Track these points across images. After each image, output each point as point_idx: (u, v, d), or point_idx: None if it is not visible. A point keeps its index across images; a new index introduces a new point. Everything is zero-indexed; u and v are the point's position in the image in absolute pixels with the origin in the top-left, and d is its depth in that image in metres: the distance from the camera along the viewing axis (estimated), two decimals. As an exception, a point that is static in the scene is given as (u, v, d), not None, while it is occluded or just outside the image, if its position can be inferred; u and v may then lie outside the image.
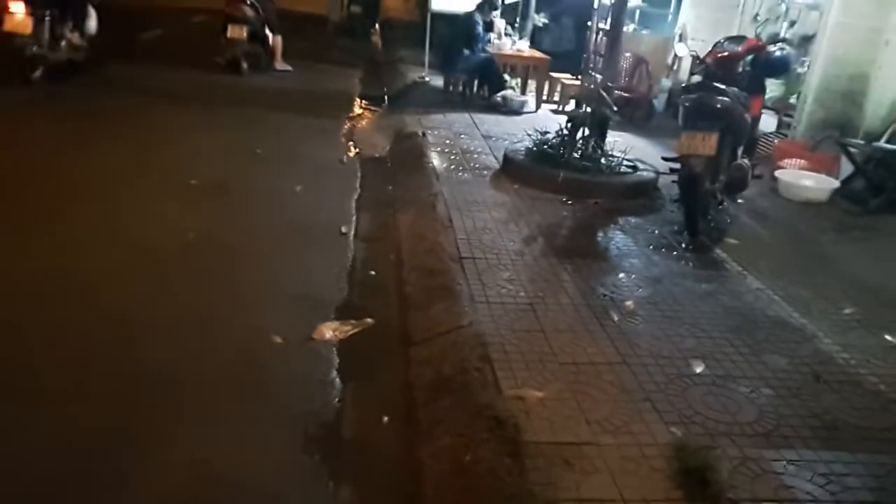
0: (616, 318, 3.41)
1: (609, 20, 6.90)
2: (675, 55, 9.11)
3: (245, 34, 9.00)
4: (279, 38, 9.85)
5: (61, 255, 3.80)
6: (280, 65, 9.89)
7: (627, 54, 8.46)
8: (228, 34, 9.00)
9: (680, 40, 8.41)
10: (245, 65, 9.23)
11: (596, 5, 9.28)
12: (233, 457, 2.48)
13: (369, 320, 3.48)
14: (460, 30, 8.70)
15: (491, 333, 3.15)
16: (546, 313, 3.39)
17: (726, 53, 5.27)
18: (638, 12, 10.35)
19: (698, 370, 3.02)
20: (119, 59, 9.05)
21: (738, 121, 4.71)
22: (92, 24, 8.12)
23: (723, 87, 4.65)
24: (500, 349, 3.02)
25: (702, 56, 5.54)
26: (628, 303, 3.59)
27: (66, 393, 2.71)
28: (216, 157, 5.80)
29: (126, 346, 3.04)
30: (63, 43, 7.62)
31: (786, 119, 7.39)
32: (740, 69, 5.29)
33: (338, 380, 2.97)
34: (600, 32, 9.07)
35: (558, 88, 8.88)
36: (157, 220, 4.40)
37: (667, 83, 9.30)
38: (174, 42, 11.80)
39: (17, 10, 6.74)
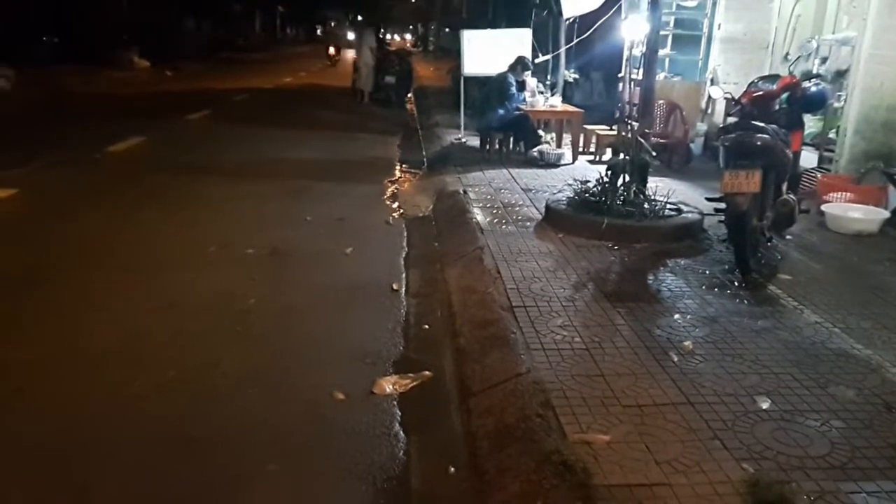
0: (676, 359, 3.39)
1: (641, 69, 7.06)
2: (709, 99, 9.18)
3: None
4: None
5: (124, 327, 3.95)
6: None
7: (661, 101, 8.56)
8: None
9: (712, 84, 8.52)
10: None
11: (626, 56, 9.45)
12: (306, 512, 2.52)
13: (427, 373, 3.52)
14: (494, 90, 8.93)
15: (550, 380, 3.16)
16: (604, 357, 3.40)
17: (761, 92, 5.33)
18: (668, 60, 10.51)
19: (764, 406, 2.97)
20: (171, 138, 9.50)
21: (780, 157, 4.72)
22: None
23: (761, 124, 4.69)
24: (561, 395, 3.03)
25: (736, 97, 5.61)
26: (687, 343, 3.57)
27: (136, 463, 2.79)
28: (268, 226, 6.01)
29: (192, 413, 3.13)
30: None
31: (826, 154, 7.35)
32: (777, 107, 5.34)
33: (401, 432, 3.01)
34: (632, 82, 9.22)
35: (593, 140, 9.00)
36: (217, 289, 4.56)
37: (702, 127, 9.34)
38: (222, 121, 12.36)
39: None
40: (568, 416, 2.87)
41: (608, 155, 8.01)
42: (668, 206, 5.70)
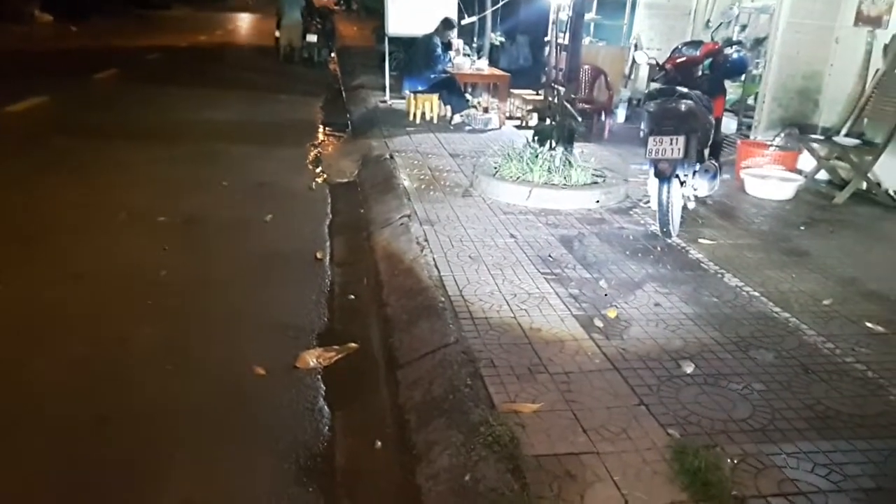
0: (601, 326, 3.39)
1: (567, 34, 7.01)
2: (633, 64, 9.27)
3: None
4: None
5: (25, 302, 3.67)
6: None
7: (586, 66, 8.57)
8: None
9: (636, 49, 8.57)
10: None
11: (552, 20, 9.39)
12: (225, 496, 2.39)
13: (353, 345, 3.41)
14: (419, 52, 8.73)
15: (478, 349, 3.11)
16: (531, 325, 3.36)
17: (685, 58, 5.35)
18: (593, 25, 10.54)
19: (689, 370, 3.00)
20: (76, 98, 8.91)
21: (703, 122, 4.77)
22: None
23: (685, 90, 4.71)
24: (490, 364, 2.98)
25: (661, 63, 5.63)
26: (611, 309, 3.58)
27: (43, 446, 2.59)
28: (182, 192, 5.70)
29: (102, 389, 2.94)
30: None
31: (745, 120, 7.54)
32: (700, 73, 5.37)
33: (326, 408, 2.90)
34: (558, 47, 9.18)
35: (520, 105, 8.96)
36: (127, 260, 4.29)
37: (626, 93, 9.44)
38: (132, 80, 11.69)
39: None
40: (496, 385, 2.82)
41: (535, 120, 7.99)
42: (593, 172, 5.71)
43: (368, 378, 3.17)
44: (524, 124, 8.53)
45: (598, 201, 5.37)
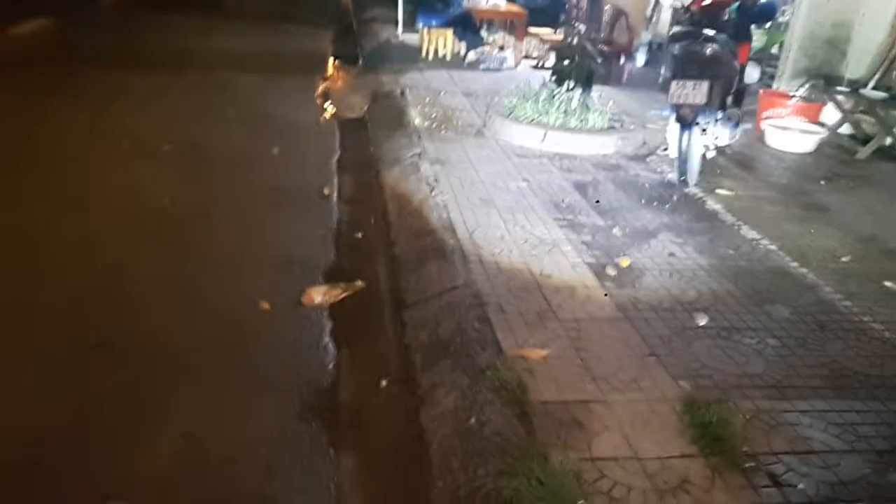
0: (613, 274, 3.31)
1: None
2: (655, 6, 8.94)
3: None
4: None
5: (26, 229, 3.60)
6: None
7: (606, 6, 8.26)
8: None
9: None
10: None
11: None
12: (226, 430, 2.36)
13: (360, 283, 3.35)
14: (435, -16, 8.42)
15: (487, 293, 3.04)
16: (542, 270, 3.28)
17: (712, 1, 5.12)
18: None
19: (702, 323, 2.93)
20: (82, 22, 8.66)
21: (728, 68, 4.59)
22: None
23: (711, 33, 4.52)
24: (498, 308, 2.91)
25: (686, 4, 5.39)
26: (624, 257, 3.49)
27: (45, 371, 2.55)
28: (187, 121, 5.57)
29: (104, 317, 2.89)
30: None
31: (768, 69, 7.29)
32: (726, 17, 5.15)
33: (331, 345, 2.85)
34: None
35: (536, 44, 8.67)
36: (130, 188, 4.20)
37: (646, 36, 9.13)
38: (138, 6, 11.37)
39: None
40: (504, 330, 2.76)
41: (552, 60, 7.75)
42: (611, 116, 5.54)
43: (375, 317, 3.11)
44: (541, 65, 8.27)
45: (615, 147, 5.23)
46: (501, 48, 8.67)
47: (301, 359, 2.76)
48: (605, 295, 3.11)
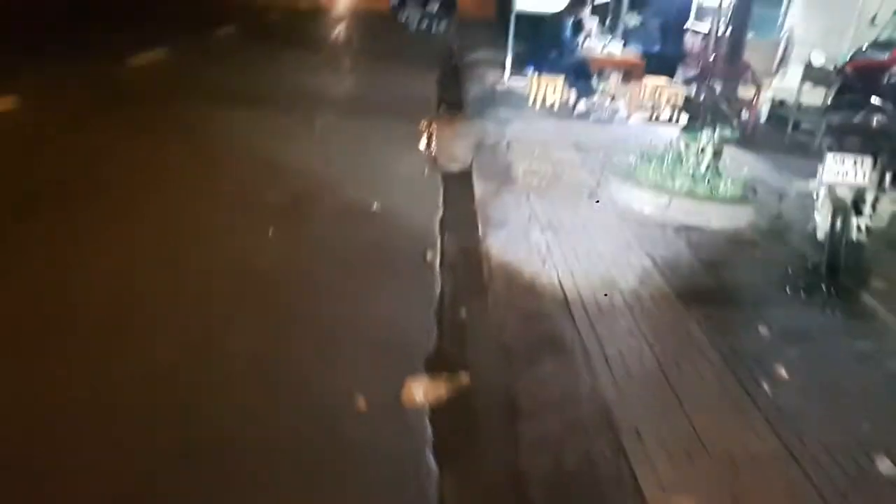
0: (768, 390, 2.79)
1: (724, 22, 6.22)
2: (781, 60, 8.31)
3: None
4: None
5: (117, 285, 3.38)
6: None
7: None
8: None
9: (787, 44, 7.67)
10: None
11: (699, 3, 8.52)
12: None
13: (464, 377, 2.95)
14: (547, 31, 8.10)
15: (617, 407, 2.58)
16: (681, 382, 2.80)
17: (870, 63, 4.56)
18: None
19: (884, 470, 2.38)
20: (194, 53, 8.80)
21: (894, 142, 4.00)
22: None
23: (878, 103, 3.95)
24: (633, 433, 2.44)
25: (838, 65, 4.84)
26: (779, 368, 2.96)
27: (106, 464, 2.26)
28: (291, 168, 5.39)
29: (186, 403, 2.59)
30: None
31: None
32: (886, 80, 4.58)
33: (433, 462, 2.44)
34: (699, 34, 8.34)
35: (649, 93, 8.17)
36: (227, 243, 3.98)
37: (769, 91, 8.48)
38: (248, 40, 11.60)
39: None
40: (643, 465, 2.30)
41: (667, 113, 7.26)
42: (744, 183, 4.99)
43: (483, 425, 2.69)
44: (655, 118, 7.77)
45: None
46: (613, 97, 8.23)
47: (398, 478, 2.36)
48: (764, 420, 2.59)
